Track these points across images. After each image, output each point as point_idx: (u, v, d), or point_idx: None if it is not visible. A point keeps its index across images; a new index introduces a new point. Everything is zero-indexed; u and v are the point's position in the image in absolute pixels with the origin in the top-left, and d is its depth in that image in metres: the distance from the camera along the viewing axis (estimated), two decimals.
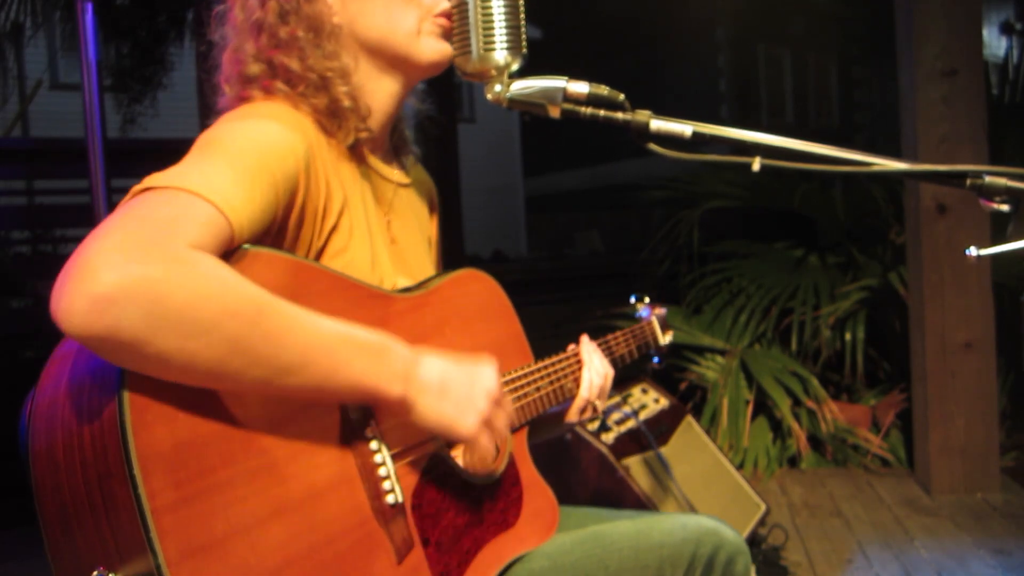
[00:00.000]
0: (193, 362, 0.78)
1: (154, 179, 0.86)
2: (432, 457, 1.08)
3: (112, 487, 0.77)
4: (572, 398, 1.38)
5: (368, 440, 0.99)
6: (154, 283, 0.74)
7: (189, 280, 0.77)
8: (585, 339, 1.44)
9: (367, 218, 1.14)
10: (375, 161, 1.19)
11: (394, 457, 1.01)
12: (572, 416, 1.39)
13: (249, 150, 0.95)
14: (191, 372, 0.79)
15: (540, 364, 1.34)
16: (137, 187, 0.86)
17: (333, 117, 1.10)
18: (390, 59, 1.14)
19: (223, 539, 0.80)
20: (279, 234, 0.99)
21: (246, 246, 0.90)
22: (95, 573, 0.78)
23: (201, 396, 0.82)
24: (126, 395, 0.77)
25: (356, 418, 0.98)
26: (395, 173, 1.24)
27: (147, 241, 0.77)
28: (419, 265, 1.26)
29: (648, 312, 1.68)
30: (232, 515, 0.81)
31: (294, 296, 0.92)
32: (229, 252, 0.87)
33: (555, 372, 1.38)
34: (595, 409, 1.40)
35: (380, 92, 1.16)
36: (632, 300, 1.68)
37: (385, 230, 1.19)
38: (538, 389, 1.31)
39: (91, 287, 0.72)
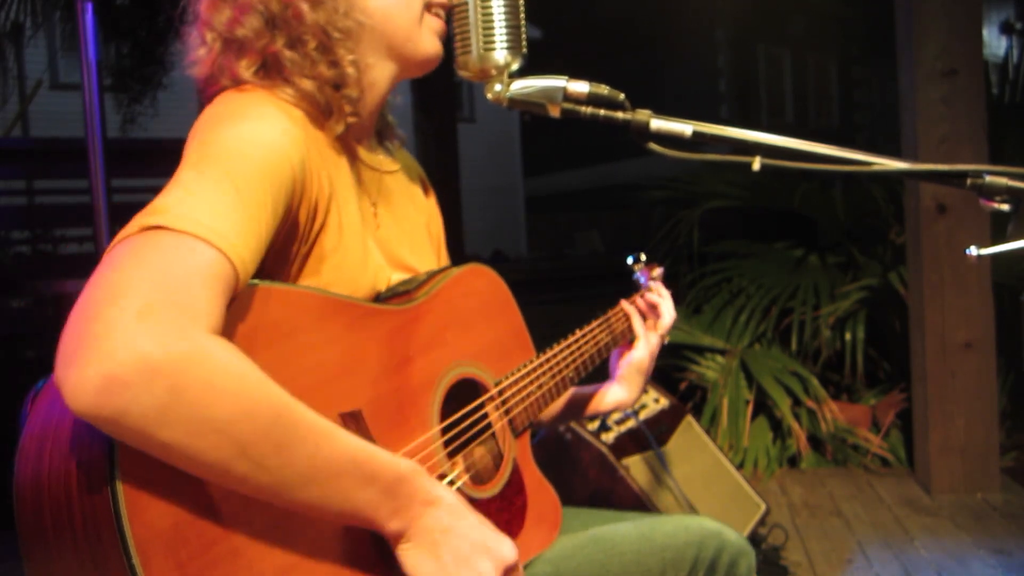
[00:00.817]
0: (197, 459, 0.73)
1: (156, 216, 0.79)
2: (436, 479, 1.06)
3: (110, 573, 0.73)
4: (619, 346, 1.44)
5: None
6: (172, 372, 0.70)
7: (208, 371, 0.72)
8: (623, 302, 1.47)
9: (358, 211, 1.10)
10: (362, 151, 1.15)
11: None
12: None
13: (250, 171, 0.89)
14: (193, 467, 0.74)
15: (542, 359, 1.32)
16: (145, 220, 0.79)
17: (329, 93, 1.04)
18: (388, 42, 1.11)
19: None
20: (280, 247, 0.97)
21: (259, 283, 0.87)
22: None
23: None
24: (119, 479, 0.72)
25: None
26: (383, 161, 1.20)
27: (168, 315, 0.72)
28: (414, 255, 1.22)
29: (645, 278, 1.61)
30: None
31: (290, 329, 0.88)
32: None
33: (569, 356, 1.36)
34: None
35: (374, 78, 1.12)
36: (630, 261, 1.63)
37: (375, 222, 1.16)
38: (540, 386, 1.29)
39: (106, 366, 0.68)
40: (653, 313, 1.49)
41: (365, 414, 0.96)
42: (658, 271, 1.59)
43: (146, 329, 0.70)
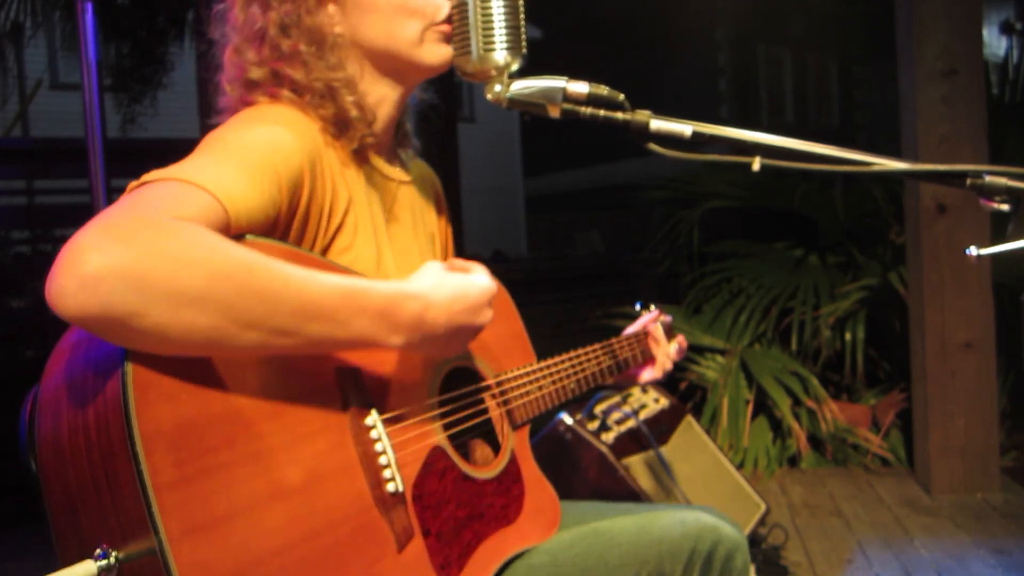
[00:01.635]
0: (190, 331, 0.78)
1: (151, 174, 0.88)
2: (433, 450, 1.09)
3: (115, 465, 0.77)
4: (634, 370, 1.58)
5: (368, 429, 0.99)
6: (138, 257, 0.75)
7: (173, 249, 0.77)
8: (639, 323, 1.62)
9: (371, 219, 1.14)
10: (378, 161, 1.19)
11: (395, 447, 1.02)
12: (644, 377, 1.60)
13: (250, 147, 0.96)
14: (190, 343, 0.79)
15: (544, 364, 1.36)
16: (134, 183, 0.87)
17: (340, 126, 1.10)
18: (392, 65, 1.15)
19: (224, 519, 0.81)
20: (284, 234, 1.00)
21: (248, 236, 0.91)
22: (98, 551, 0.78)
23: (204, 378, 0.83)
24: (129, 374, 0.77)
25: (357, 406, 0.98)
26: (397, 172, 1.24)
27: (130, 221, 0.78)
28: (423, 264, 1.26)
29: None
30: (233, 496, 0.82)
31: None
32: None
33: (570, 369, 1.40)
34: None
35: (384, 97, 1.17)
36: (637, 307, 1.70)
37: (388, 231, 1.20)
38: (541, 388, 1.33)
39: (78, 268, 0.73)
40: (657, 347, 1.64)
41: (363, 373, 1.01)
42: (666, 319, 1.69)
43: (109, 235, 0.76)
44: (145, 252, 0.75)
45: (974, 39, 3.30)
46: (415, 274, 1.01)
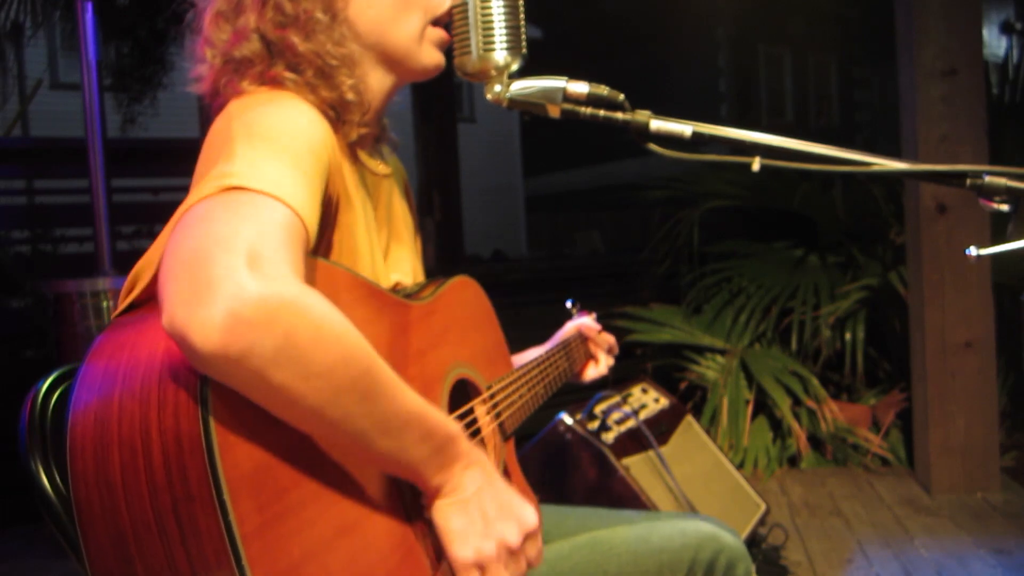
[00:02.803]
0: (299, 403, 0.75)
1: (238, 176, 0.81)
2: None
3: (194, 511, 0.72)
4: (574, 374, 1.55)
5: None
6: (287, 315, 0.72)
7: (315, 317, 0.75)
8: (570, 325, 1.59)
9: (363, 211, 1.12)
10: (363, 155, 1.17)
11: None
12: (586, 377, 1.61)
13: (301, 145, 0.91)
14: (292, 411, 0.76)
15: (521, 371, 1.36)
16: (220, 181, 0.81)
17: (337, 111, 1.05)
18: (389, 57, 1.12)
19: (300, 563, 0.77)
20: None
21: (321, 260, 0.89)
22: None
23: (268, 415, 0.78)
24: (212, 417, 0.72)
25: None
26: (380, 166, 1.21)
27: (274, 262, 0.74)
28: (409, 259, 1.25)
29: (584, 317, 1.74)
30: (306, 538, 0.79)
31: (342, 304, 0.91)
32: None
33: (539, 375, 1.40)
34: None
35: (377, 88, 1.14)
36: (568, 305, 1.74)
37: (375, 225, 1.18)
38: (521, 396, 1.33)
39: (234, 305, 0.69)
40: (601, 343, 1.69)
41: None
42: (592, 315, 1.74)
43: (259, 273, 0.72)
44: (293, 311, 0.72)
45: (974, 39, 3.30)
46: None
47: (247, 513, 0.73)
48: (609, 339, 1.68)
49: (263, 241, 0.75)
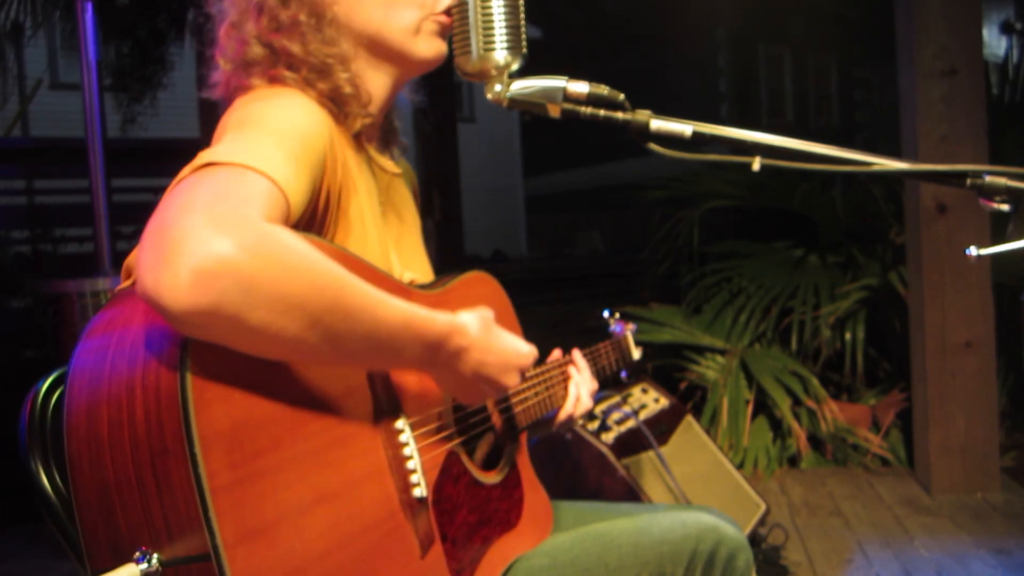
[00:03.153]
0: (280, 336, 0.78)
1: (210, 155, 0.86)
2: (449, 455, 1.09)
3: (168, 464, 0.75)
4: (557, 408, 1.42)
5: (398, 433, 0.99)
6: (249, 258, 0.75)
7: (278, 254, 0.77)
8: (576, 354, 1.49)
9: (372, 207, 1.14)
10: (372, 151, 1.19)
11: (420, 452, 1.02)
12: (557, 424, 1.43)
13: (289, 128, 0.96)
14: (275, 347, 0.80)
15: (538, 369, 1.36)
16: (197, 162, 0.86)
17: (337, 103, 1.09)
18: (386, 52, 1.14)
19: (273, 524, 0.79)
20: (310, 218, 1.00)
21: (302, 235, 0.90)
22: (138, 553, 0.76)
23: (252, 378, 0.81)
24: (188, 372, 0.76)
25: (387, 410, 0.99)
26: (389, 163, 1.24)
27: (234, 216, 0.77)
28: (417, 257, 1.27)
29: (621, 328, 1.74)
30: (281, 500, 0.81)
31: None
32: None
33: (549, 379, 1.40)
34: (572, 422, 1.45)
35: (376, 82, 1.16)
36: (605, 315, 1.72)
37: (385, 221, 1.20)
38: (537, 394, 1.34)
39: (193, 261, 0.72)
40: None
41: (391, 378, 1.02)
42: (632, 326, 1.72)
43: (218, 229, 0.75)
44: (254, 253, 0.75)
45: (974, 39, 3.30)
46: (471, 310, 1.02)
47: (219, 468, 0.75)
48: (639, 352, 1.70)
49: (224, 199, 0.79)
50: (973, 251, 1.02)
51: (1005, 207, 0.94)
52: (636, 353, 1.73)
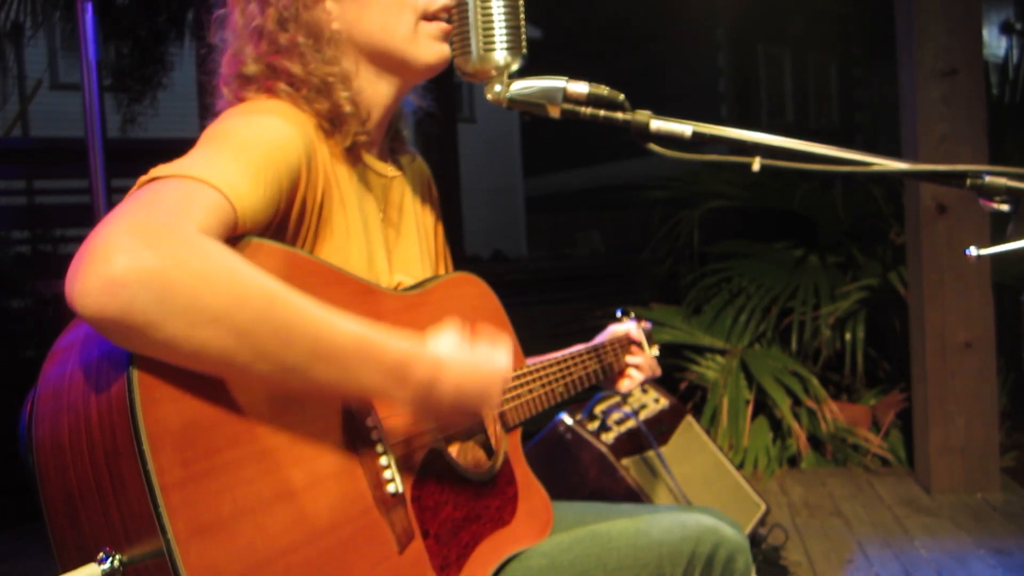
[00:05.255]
0: (202, 350, 0.77)
1: (159, 169, 0.87)
2: (430, 452, 1.09)
3: (120, 465, 0.76)
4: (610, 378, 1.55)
5: (369, 429, 0.99)
6: (165, 267, 0.74)
7: (198, 265, 0.77)
8: (618, 328, 1.59)
9: (363, 218, 1.14)
10: (370, 158, 1.19)
11: (393, 448, 1.02)
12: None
13: (253, 142, 0.96)
14: (200, 360, 0.79)
15: (533, 368, 1.36)
16: (143, 178, 0.87)
17: (334, 122, 1.10)
18: (389, 62, 1.14)
19: (230, 519, 0.80)
20: (280, 228, 1.00)
21: (249, 236, 0.90)
22: (101, 554, 0.77)
23: (208, 378, 0.82)
24: (135, 373, 0.77)
25: (357, 408, 0.99)
26: (389, 168, 1.24)
27: (157, 225, 0.77)
28: (420, 261, 1.26)
29: (634, 324, 1.71)
30: (239, 496, 0.81)
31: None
32: (233, 240, 0.88)
33: (558, 372, 1.40)
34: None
35: (379, 95, 1.16)
36: (618, 314, 1.71)
37: (381, 227, 1.19)
38: (531, 391, 1.33)
39: (104, 269, 0.73)
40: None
41: None
42: (646, 324, 1.69)
43: (138, 238, 0.75)
44: (172, 263, 0.75)
45: (974, 39, 3.30)
46: (435, 334, 0.97)
47: (169, 465, 0.76)
48: (652, 362, 1.64)
49: (157, 210, 0.80)
50: (973, 251, 1.02)
51: (1005, 207, 0.94)
52: (652, 351, 1.69)
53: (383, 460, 0.99)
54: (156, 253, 0.74)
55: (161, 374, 0.78)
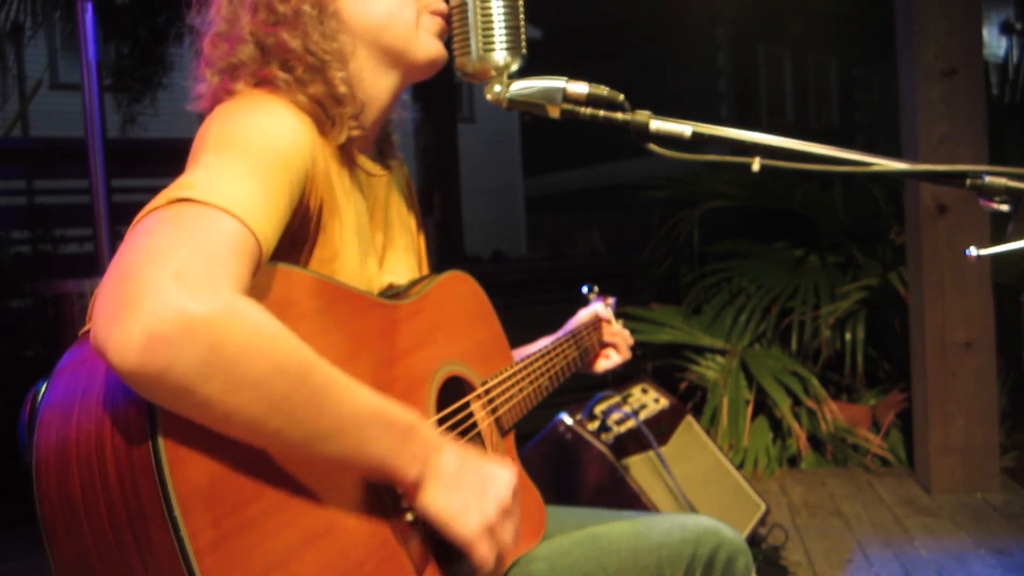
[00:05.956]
0: (233, 416, 0.75)
1: (188, 189, 0.82)
2: None
3: (147, 528, 0.72)
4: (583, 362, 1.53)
5: None
6: (213, 327, 0.71)
7: (244, 329, 0.74)
8: (585, 311, 1.59)
9: (356, 220, 1.13)
10: (362, 158, 1.17)
11: None
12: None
13: (268, 153, 0.93)
14: (229, 423, 0.76)
15: (521, 364, 1.35)
16: (171, 193, 0.82)
17: (328, 106, 1.06)
18: (386, 51, 1.12)
19: (263, 573, 0.77)
20: (285, 232, 0.98)
21: (275, 263, 0.89)
22: None
23: None
24: (160, 433, 0.73)
25: None
26: (376, 167, 1.21)
27: (200, 276, 0.73)
28: (404, 262, 1.25)
29: (600, 303, 1.71)
30: (269, 549, 0.79)
31: (302, 311, 0.90)
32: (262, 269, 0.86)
33: (543, 366, 1.40)
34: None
35: (375, 87, 1.14)
36: (584, 290, 1.71)
37: (370, 227, 1.18)
38: (521, 390, 1.32)
39: (150, 322, 0.69)
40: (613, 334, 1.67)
41: None
42: (611, 300, 1.71)
43: (183, 288, 0.71)
44: (220, 323, 0.72)
45: (974, 39, 3.30)
46: (445, 445, 0.95)
47: (201, 527, 0.73)
48: (624, 333, 1.66)
49: (197, 255, 0.75)
50: (973, 251, 1.02)
51: (1005, 207, 0.94)
52: (616, 326, 1.70)
53: (399, 488, 0.97)
54: (201, 310, 0.71)
55: (184, 429, 0.75)
